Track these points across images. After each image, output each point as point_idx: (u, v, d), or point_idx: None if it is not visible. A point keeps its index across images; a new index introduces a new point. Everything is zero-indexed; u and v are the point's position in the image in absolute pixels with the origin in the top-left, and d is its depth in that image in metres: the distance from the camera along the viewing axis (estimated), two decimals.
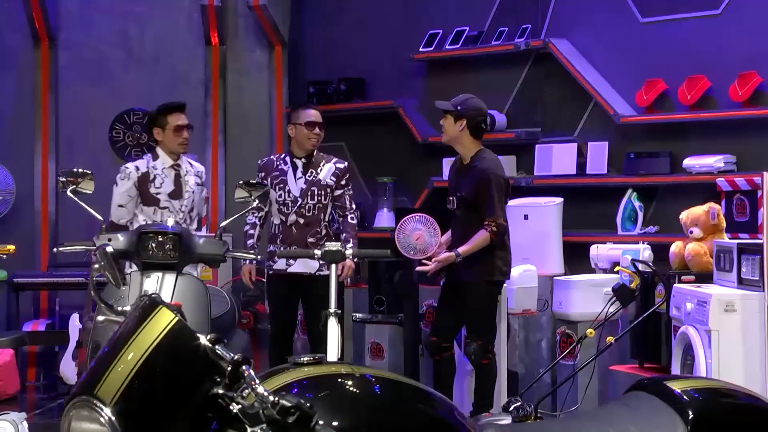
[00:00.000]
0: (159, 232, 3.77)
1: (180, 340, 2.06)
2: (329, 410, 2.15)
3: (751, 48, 6.69)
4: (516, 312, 6.55)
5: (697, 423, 2.55)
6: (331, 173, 6.12)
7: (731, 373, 5.12)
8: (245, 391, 2.02)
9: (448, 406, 2.43)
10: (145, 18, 8.62)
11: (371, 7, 8.52)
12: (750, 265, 5.23)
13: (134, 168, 5.87)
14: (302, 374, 2.23)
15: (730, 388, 2.84)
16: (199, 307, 3.79)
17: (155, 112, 5.97)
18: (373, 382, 2.32)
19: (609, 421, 2.65)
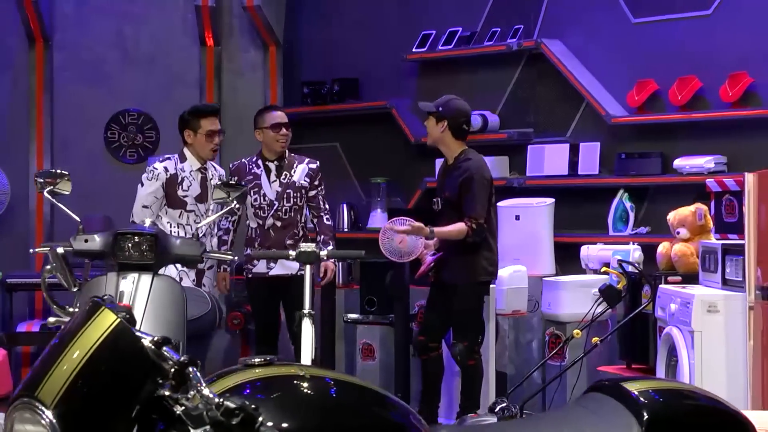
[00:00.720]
0: (135, 233, 3.78)
1: (122, 341, 2.06)
2: (277, 411, 2.15)
3: (742, 48, 6.68)
4: (506, 313, 6.56)
5: (651, 424, 2.54)
6: (304, 174, 6.16)
7: (714, 374, 5.13)
8: (190, 393, 2.01)
9: (403, 409, 2.42)
10: (140, 19, 8.64)
11: (365, 8, 8.53)
12: (734, 265, 5.23)
13: (163, 169, 5.73)
14: (252, 375, 2.23)
15: (687, 390, 2.84)
16: (175, 308, 3.79)
17: (188, 114, 5.83)
18: (324, 384, 2.32)
19: (566, 423, 2.65)
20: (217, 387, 2.15)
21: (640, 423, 2.54)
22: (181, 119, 5.85)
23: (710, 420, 2.69)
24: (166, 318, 3.78)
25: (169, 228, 5.56)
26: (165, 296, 3.78)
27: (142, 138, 8.66)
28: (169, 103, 8.64)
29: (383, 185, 8.19)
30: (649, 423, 2.54)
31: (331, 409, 2.27)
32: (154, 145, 8.68)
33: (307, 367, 2.37)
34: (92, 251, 3.75)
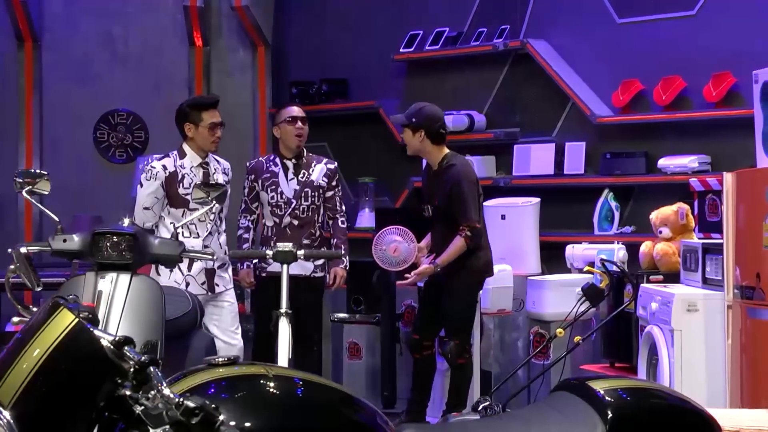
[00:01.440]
0: (113, 233, 3.79)
1: (80, 341, 2.05)
2: (239, 411, 2.15)
3: (726, 49, 6.72)
4: (491, 312, 6.59)
5: (615, 422, 2.55)
6: (323, 174, 6.11)
7: (693, 373, 5.15)
8: (151, 393, 2.02)
9: (369, 410, 2.41)
10: (129, 19, 8.67)
11: (353, 9, 8.56)
12: (714, 265, 5.26)
13: (161, 167, 5.51)
14: (216, 375, 2.23)
15: (653, 388, 2.85)
16: (153, 308, 3.80)
17: (187, 107, 5.60)
18: (289, 384, 2.31)
19: (532, 422, 2.66)
20: (179, 387, 2.15)
21: (604, 421, 2.55)
22: (181, 112, 5.63)
23: (675, 419, 2.69)
24: (145, 318, 3.79)
25: (173, 228, 5.25)
26: (143, 296, 3.79)
27: (131, 138, 8.69)
28: (158, 103, 8.67)
29: (371, 185, 8.22)
30: (613, 421, 2.55)
31: (294, 409, 2.26)
32: (143, 145, 8.71)
33: (271, 366, 2.34)
34: (71, 251, 3.77)
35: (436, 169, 5.93)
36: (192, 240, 5.36)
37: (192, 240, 5.36)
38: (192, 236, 5.41)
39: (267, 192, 6.01)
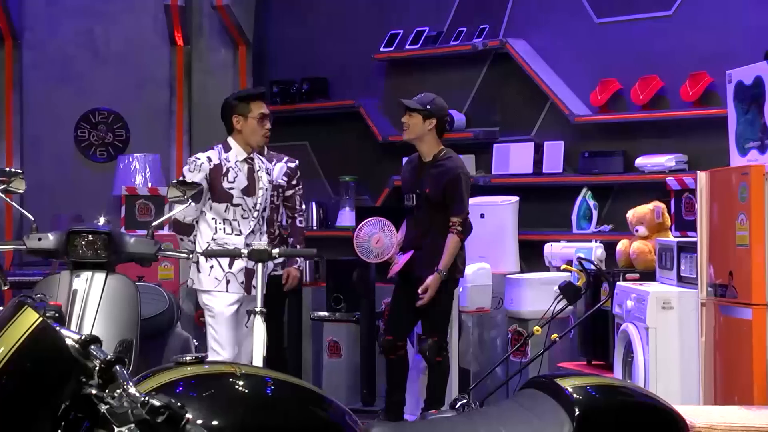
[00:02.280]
0: (89, 231, 3.82)
1: (43, 340, 2.03)
2: (205, 409, 2.16)
3: (702, 49, 6.77)
4: (470, 310, 6.62)
5: (582, 419, 2.56)
6: (283, 173, 6.09)
7: (668, 370, 5.20)
8: (116, 391, 2.01)
9: (338, 409, 2.41)
10: (111, 18, 8.67)
11: (334, 8, 8.59)
12: (688, 263, 5.30)
13: (206, 159, 5.24)
14: (184, 373, 2.23)
15: (621, 386, 2.86)
16: (128, 306, 3.84)
17: (235, 99, 5.39)
18: (257, 383, 2.32)
19: (499, 419, 2.66)
20: (146, 385, 2.16)
21: (571, 419, 2.56)
22: (227, 105, 5.39)
23: (642, 416, 2.71)
24: (120, 316, 3.83)
25: (214, 224, 5.22)
26: (118, 294, 3.83)
27: (112, 137, 8.69)
28: (139, 102, 8.69)
29: (352, 184, 8.25)
30: (580, 419, 2.56)
31: (262, 408, 2.27)
32: (124, 144, 8.72)
33: (240, 365, 2.35)
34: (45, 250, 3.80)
35: (429, 160, 5.92)
36: (234, 237, 5.19)
37: (234, 237, 5.19)
38: (234, 233, 5.22)
39: None
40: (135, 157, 8.27)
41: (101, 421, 2.04)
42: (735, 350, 4.72)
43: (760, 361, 4.54)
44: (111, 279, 3.82)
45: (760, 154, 4.84)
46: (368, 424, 2.58)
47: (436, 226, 5.82)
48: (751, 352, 4.57)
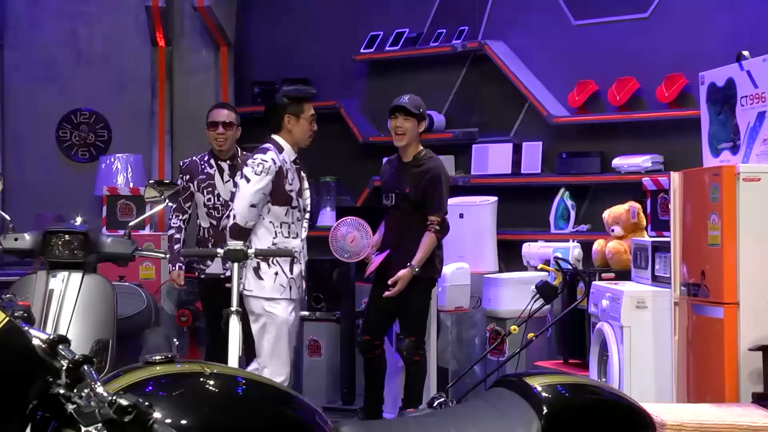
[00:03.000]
0: (66, 231, 3.85)
1: (10, 340, 2.03)
2: (173, 409, 2.16)
3: (678, 50, 6.84)
4: (448, 309, 6.66)
5: (550, 417, 2.59)
6: None
7: (642, 369, 5.26)
8: (84, 391, 2.01)
9: (308, 408, 2.42)
10: (93, 19, 8.69)
11: (315, 9, 8.62)
12: (663, 262, 5.37)
13: (272, 161, 5.06)
14: (153, 373, 2.24)
15: (590, 384, 2.91)
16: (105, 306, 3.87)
17: (289, 97, 5.23)
18: (226, 382, 2.32)
19: (469, 418, 2.68)
20: (115, 385, 2.16)
21: (539, 417, 2.59)
22: (279, 105, 5.23)
23: (609, 414, 2.75)
24: (96, 316, 3.86)
25: (273, 228, 5.11)
26: (95, 294, 3.86)
27: (94, 137, 8.71)
28: (120, 102, 8.71)
29: (332, 184, 8.29)
30: (548, 417, 2.59)
31: (231, 407, 2.28)
32: (106, 144, 8.74)
33: (209, 364, 2.34)
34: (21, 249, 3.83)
35: (409, 161, 5.95)
36: (292, 241, 5.13)
37: (292, 241, 5.13)
38: (291, 236, 5.15)
39: (203, 194, 5.94)
40: (117, 157, 8.30)
41: (68, 420, 2.03)
42: (707, 349, 4.78)
43: (731, 360, 4.61)
44: (87, 279, 3.85)
45: (732, 154, 4.91)
46: (338, 423, 2.61)
47: (415, 226, 5.86)
48: (723, 351, 4.63)
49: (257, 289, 5.08)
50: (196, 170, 5.99)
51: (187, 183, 5.95)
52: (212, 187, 5.96)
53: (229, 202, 5.88)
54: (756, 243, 4.61)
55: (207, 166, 6.01)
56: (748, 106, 4.76)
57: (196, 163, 6.05)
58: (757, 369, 4.52)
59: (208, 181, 5.97)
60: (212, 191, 5.96)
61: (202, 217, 5.97)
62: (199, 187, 5.95)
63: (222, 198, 5.94)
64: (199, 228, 6.02)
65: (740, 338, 4.59)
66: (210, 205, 5.94)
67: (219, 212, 5.95)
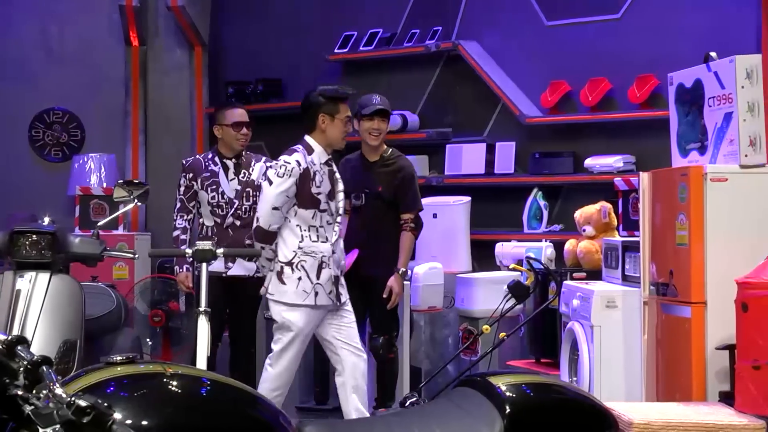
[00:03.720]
0: (33, 231, 3.83)
1: None
2: (133, 410, 2.16)
3: (649, 51, 6.88)
4: (421, 309, 6.67)
5: (512, 417, 2.61)
6: (262, 173, 6.05)
7: (612, 368, 5.29)
8: (42, 392, 2.00)
9: (271, 409, 2.42)
10: (65, 18, 8.66)
11: (289, 10, 8.62)
12: (633, 262, 5.40)
13: (296, 163, 4.98)
14: (113, 374, 2.23)
15: (553, 384, 2.91)
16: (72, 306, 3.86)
17: (325, 96, 5.14)
18: (188, 383, 2.31)
19: (432, 417, 2.68)
20: (75, 386, 2.16)
21: (502, 416, 2.61)
22: (314, 103, 5.15)
23: (572, 413, 2.76)
24: (64, 316, 3.85)
25: (300, 232, 5.03)
26: (62, 295, 3.85)
27: (67, 137, 8.68)
28: (94, 102, 8.69)
29: None
30: (510, 416, 2.61)
31: (191, 407, 2.27)
32: (79, 144, 8.71)
33: (171, 365, 2.33)
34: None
35: (376, 160, 5.94)
36: (321, 245, 5.05)
37: (321, 245, 5.05)
38: (320, 240, 5.06)
39: (207, 191, 5.89)
40: (90, 156, 8.28)
41: (26, 422, 2.02)
42: (676, 348, 4.81)
43: (698, 359, 4.64)
44: (55, 279, 3.84)
45: (700, 155, 4.94)
46: (301, 423, 2.61)
47: (387, 225, 5.86)
48: (690, 350, 4.66)
49: (278, 294, 5.05)
50: (199, 168, 5.93)
51: (191, 181, 5.90)
52: (216, 185, 5.91)
53: (234, 200, 5.90)
54: (723, 243, 4.64)
55: (212, 163, 5.94)
56: (716, 106, 4.80)
57: (200, 161, 5.99)
58: (723, 368, 4.55)
59: (213, 178, 5.91)
60: (216, 189, 5.90)
61: (206, 215, 5.91)
62: (203, 185, 5.89)
63: (227, 196, 5.89)
64: (202, 227, 5.94)
65: (707, 337, 4.62)
66: (214, 203, 5.89)
67: (223, 210, 5.91)
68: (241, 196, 5.93)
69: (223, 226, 5.91)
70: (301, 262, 5.03)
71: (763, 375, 4.13)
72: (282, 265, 5.02)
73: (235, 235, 5.88)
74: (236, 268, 5.80)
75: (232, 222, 5.92)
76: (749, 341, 4.22)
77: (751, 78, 4.64)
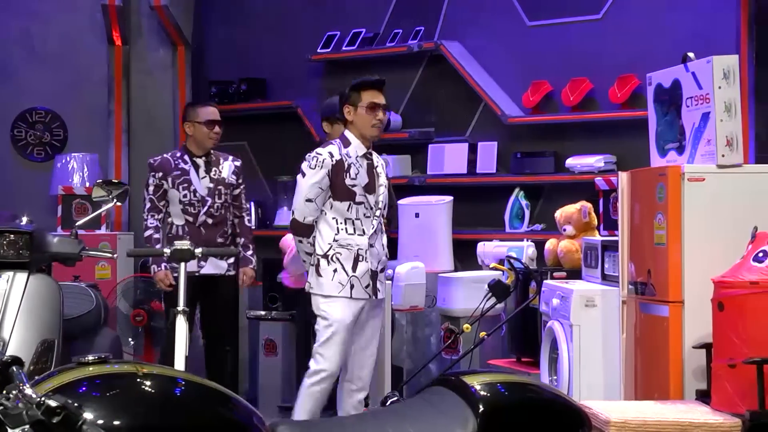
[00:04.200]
0: (10, 231, 3.84)
1: None
2: (104, 410, 2.16)
3: (630, 51, 6.91)
4: (404, 308, 6.69)
5: (485, 416, 2.62)
6: (231, 171, 6.05)
7: (591, 367, 5.31)
8: (12, 392, 2.01)
9: (244, 410, 2.42)
10: (47, 17, 8.63)
11: (272, 9, 8.63)
12: (612, 261, 5.42)
13: (328, 154, 4.96)
14: (85, 374, 2.24)
15: (527, 383, 2.91)
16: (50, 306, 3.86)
17: (349, 87, 5.12)
18: (159, 382, 2.31)
19: (406, 416, 2.69)
20: (45, 386, 2.16)
21: (476, 415, 2.62)
22: (342, 96, 5.17)
23: (546, 413, 2.78)
24: (42, 316, 3.85)
25: (336, 224, 5.01)
26: (40, 295, 3.85)
27: (50, 136, 8.66)
28: (77, 101, 8.67)
29: (289, 183, 8.29)
30: (484, 415, 2.62)
31: (163, 407, 2.28)
32: (62, 144, 8.68)
33: (144, 365, 2.34)
34: None
35: None
36: (357, 238, 5.03)
37: (357, 238, 5.03)
38: (357, 233, 5.04)
39: (179, 190, 5.89)
40: (73, 156, 8.26)
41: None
42: (654, 347, 4.84)
43: (676, 358, 4.66)
44: (33, 279, 3.84)
45: (678, 155, 4.97)
46: (274, 423, 2.62)
47: None
48: (668, 349, 4.69)
49: (317, 286, 5.06)
50: (169, 167, 5.92)
51: (161, 180, 5.90)
52: (188, 183, 5.91)
53: (207, 198, 5.90)
54: (700, 242, 4.67)
55: (181, 162, 5.95)
56: (693, 106, 4.83)
57: (169, 160, 5.98)
58: (701, 367, 4.58)
59: (184, 176, 5.91)
60: (188, 187, 5.91)
61: (176, 215, 5.90)
62: (174, 184, 5.89)
63: (199, 194, 5.90)
64: (172, 226, 5.93)
65: (685, 336, 4.65)
66: (186, 201, 5.89)
67: (195, 208, 5.91)
68: (213, 194, 5.94)
69: (195, 224, 5.91)
70: (337, 254, 5.02)
71: (738, 374, 4.16)
72: (319, 257, 5.04)
73: (208, 233, 5.90)
74: (208, 267, 5.82)
75: (204, 220, 5.92)
76: (725, 340, 4.25)
77: (728, 78, 4.67)
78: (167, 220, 5.98)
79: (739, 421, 4.15)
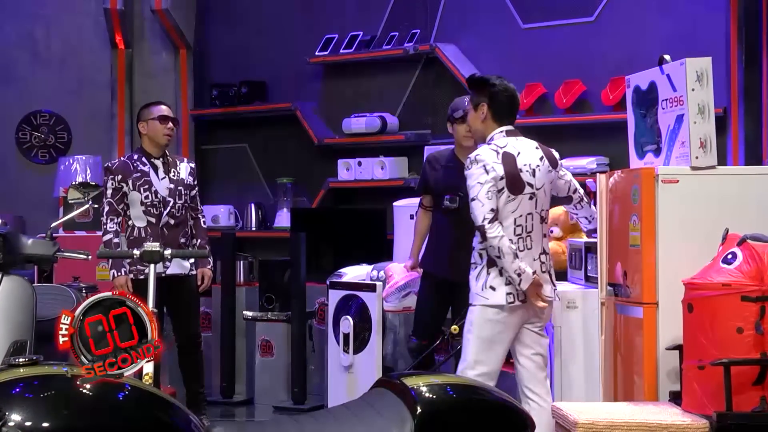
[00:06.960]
0: None
1: None
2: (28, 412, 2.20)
3: (623, 54, 6.92)
4: (397, 309, 6.73)
5: (423, 417, 2.66)
6: (188, 172, 6.11)
7: (572, 368, 5.32)
8: None
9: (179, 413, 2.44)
10: (51, 20, 8.75)
11: (272, 13, 8.69)
12: (594, 263, 5.43)
13: None
14: (14, 375, 2.28)
15: (468, 384, 2.93)
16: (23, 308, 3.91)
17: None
18: (90, 385, 2.34)
19: (345, 418, 2.74)
20: None
21: (413, 417, 2.65)
22: None
23: (485, 414, 2.80)
24: (14, 317, 3.91)
25: None
26: (13, 296, 3.91)
27: (54, 139, 8.78)
28: (80, 104, 8.78)
29: (289, 185, 8.37)
30: (421, 416, 2.65)
31: (91, 409, 2.31)
32: (65, 146, 8.80)
33: (72, 367, 2.37)
34: None
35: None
36: None
37: None
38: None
39: (140, 192, 5.92)
40: (76, 158, 8.36)
41: None
42: (630, 348, 4.85)
43: (650, 359, 4.67)
44: (6, 281, 3.90)
45: (655, 157, 4.98)
46: (211, 425, 2.65)
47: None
48: (643, 350, 4.70)
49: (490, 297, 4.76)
50: (128, 169, 5.96)
51: (120, 183, 5.93)
52: (149, 185, 5.96)
53: (168, 199, 5.96)
54: (674, 244, 4.67)
55: (140, 164, 5.99)
56: (668, 109, 4.84)
57: (127, 163, 6.03)
58: (674, 368, 4.59)
59: (144, 178, 5.96)
60: (149, 188, 5.95)
61: (137, 216, 5.94)
62: (135, 186, 5.93)
63: (160, 195, 5.95)
64: (133, 228, 5.97)
65: (659, 338, 4.65)
66: (148, 202, 5.94)
67: (158, 209, 5.95)
68: (174, 194, 6.00)
69: (158, 225, 5.95)
70: None
71: (706, 375, 4.16)
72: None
73: (170, 234, 5.95)
74: (174, 267, 5.87)
75: (167, 221, 5.97)
76: (694, 341, 4.26)
77: (702, 80, 4.67)
78: (127, 223, 6.00)
79: (707, 423, 4.15)
